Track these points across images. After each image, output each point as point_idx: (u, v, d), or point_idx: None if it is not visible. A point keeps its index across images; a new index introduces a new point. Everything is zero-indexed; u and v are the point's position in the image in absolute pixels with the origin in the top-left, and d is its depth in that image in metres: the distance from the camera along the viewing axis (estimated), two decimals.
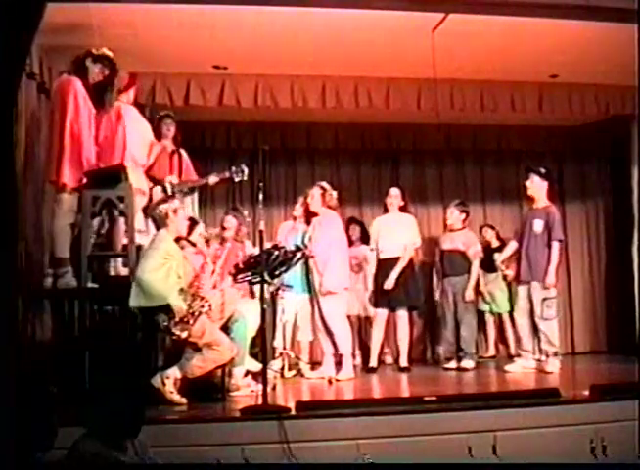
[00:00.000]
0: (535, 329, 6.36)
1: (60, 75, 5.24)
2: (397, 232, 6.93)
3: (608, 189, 8.78)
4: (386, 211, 7.12)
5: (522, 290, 6.45)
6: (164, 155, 6.03)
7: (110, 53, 5.19)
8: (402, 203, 7.07)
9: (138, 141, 5.54)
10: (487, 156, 8.77)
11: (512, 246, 6.73)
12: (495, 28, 5.51)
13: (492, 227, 8.13)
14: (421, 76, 6.37)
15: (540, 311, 6.27)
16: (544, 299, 6.27)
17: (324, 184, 6.58)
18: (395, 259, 6.87)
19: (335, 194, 6.53)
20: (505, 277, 7.57)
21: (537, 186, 6.48)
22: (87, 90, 5.12)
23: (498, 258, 7.06)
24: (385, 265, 6.90)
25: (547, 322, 6.30)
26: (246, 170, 5.94)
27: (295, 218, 6.90)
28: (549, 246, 6.31)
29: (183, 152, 6.21)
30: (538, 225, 6.37)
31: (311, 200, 6.51)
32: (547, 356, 6.34)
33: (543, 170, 6.58)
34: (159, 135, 6.02)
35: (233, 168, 6.00)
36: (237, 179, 6.00)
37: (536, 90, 6.98)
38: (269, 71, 6.47)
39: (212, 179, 6.11)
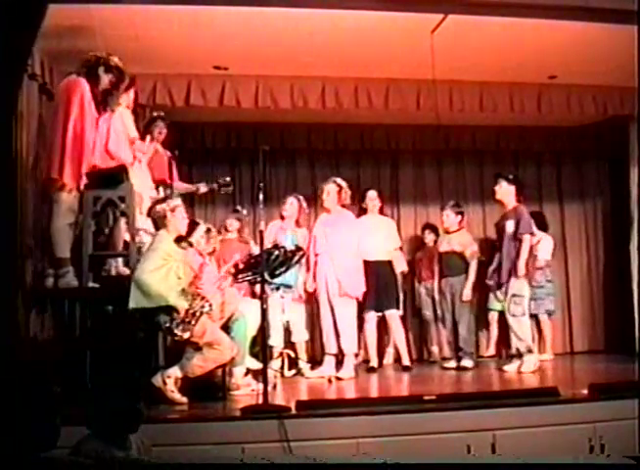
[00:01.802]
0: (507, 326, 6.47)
1: (68, 75, 5.25)
2: (381, 235, 6.96)
3: (606, 189, 8.81)
4: (362, 212, 7.11)
5: (503, 291, 6.57)
6: (159, 156, 6.02)
7: (120, 63, 5.20)
8: (380, 204, 7.13)
9: (120, 141, 5.43)
10: (486, 156, 8.78)
11: (496, 260, 6.80)
12: (494, 29, 5.52)
13: None
14: (420, 77, 6.38)
15: (507, 306, 6.41)
16: (513, 295, 6.39)
17: (339, 181, 6.53)
18: (382, 262, 6.88)
19: (349, 192, 6.52)
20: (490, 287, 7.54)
21: (505, 191, 6.65)
22: (93, 95, 5.13)
23: (489, 270, 7.05)
24: (370, 267, 6.75)
25: (515, 318, 6.41)
26: (231, 186, 6.29)
27: (283, 218, 6.88)
28: (519, 241, 6.45)
29: (169, 154, 6.19)
30: (510, 226, 6.53)
31: (326, 196, 6.46)
32: (521, 355, 6.38)
33: (511, 176, 6.78)
34: (151, 137, 5.98)
35: (221, 181, 6.26)
36: (222, 192, 6.34)
37: (535, 91, 6.99)
38: (269, 72, 6.48)
39: (202, 189, 6.31)
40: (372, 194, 7.17)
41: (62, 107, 5.10)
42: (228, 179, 6.30)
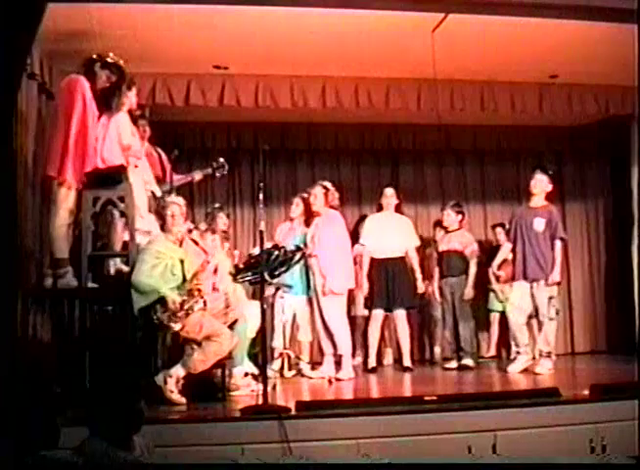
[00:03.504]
0: (531, 328, 6.39)
1: (69, 75, 5.23)
2: (393, 232, 6.95)
3: (608, 189, 8.80)
4: (380, 209, 7.12)
5: (524, 288, 6.36)
6: (149, 156, 5.97)
7: (119, 60, 5.17)
8: (397, 202, 7.10)
9: (113, 148, 5.33)
10: (487, 156, 8.78)
11: (506, 248, 6.71)
12: (495, 29, 5.51)
13: (505, 227, 7.98)
14: (421, 76, 6.38)
15: (547, 311, 6.28)
16: (551, 298, 6.29)
17: (326, 183, 6.57)
18: (394, 260, 6.87)
19: (337, 194, 6.54)
20: (498, 278, 7.53)
21: (543, 185, 6.47)
22: (94, 94, 5.12)
23: (494, 261, 7.00)
24: (381, 265, 6.88)
25: (552, 322, 6.31)
26: (226, 166, 6.13)
27: (291, 219, 6.89)
28: (552, 244, 6.34)
29: (160, 151, 6.14)
30: (539, 224, 6.38)
31: (314, 199, 6.50)
32: (540, 356, 6.34)
33: (551, 171, 6.62)
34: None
35: (214, 164, 6.14)
36: (218, 174, 6.18)
37: (536, 90, 6.98)
38: (269, 72, 6.48)
39: (197, 176, 6.20)
40: (388, 191, 7.13)
41: (63, 106, 5.08)
42: (222, 160, 6.19)
